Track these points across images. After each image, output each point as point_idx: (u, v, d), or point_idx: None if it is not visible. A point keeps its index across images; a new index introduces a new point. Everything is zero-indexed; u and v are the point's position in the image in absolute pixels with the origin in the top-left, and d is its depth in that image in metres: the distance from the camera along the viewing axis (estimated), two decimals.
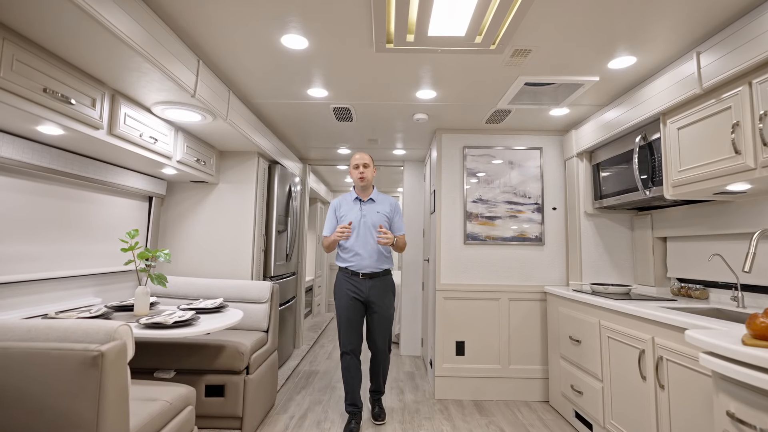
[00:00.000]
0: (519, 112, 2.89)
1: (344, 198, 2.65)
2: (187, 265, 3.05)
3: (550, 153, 3.24)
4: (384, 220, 2.55)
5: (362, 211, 2.55)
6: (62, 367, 1.17)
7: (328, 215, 2.64)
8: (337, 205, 2.62)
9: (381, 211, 2.56)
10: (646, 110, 2.22)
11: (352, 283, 2.48)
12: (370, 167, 2.57)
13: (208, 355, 2.25)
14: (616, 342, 2.11)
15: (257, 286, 2.81)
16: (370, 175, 2.56)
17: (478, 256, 3.16)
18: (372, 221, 2.52)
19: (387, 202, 2.62)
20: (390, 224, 2.59)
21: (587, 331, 2.40)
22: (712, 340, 1.25)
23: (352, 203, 2.59)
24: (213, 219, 3.09)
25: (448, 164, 3.25)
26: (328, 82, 2.42)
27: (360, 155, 2.57)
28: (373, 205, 2.58)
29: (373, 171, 2.59)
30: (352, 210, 2.57)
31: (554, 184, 3.22)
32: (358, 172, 2.54)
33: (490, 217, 3.18)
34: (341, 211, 2.59)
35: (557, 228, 3.18)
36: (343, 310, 2.47)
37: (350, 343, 2.46)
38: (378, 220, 2.53)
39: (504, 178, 3.22)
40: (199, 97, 2.09)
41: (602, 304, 2.23)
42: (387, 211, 2.58)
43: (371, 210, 2.56)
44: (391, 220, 2.60)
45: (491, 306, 3.11)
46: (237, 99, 2.59)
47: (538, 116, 2.96)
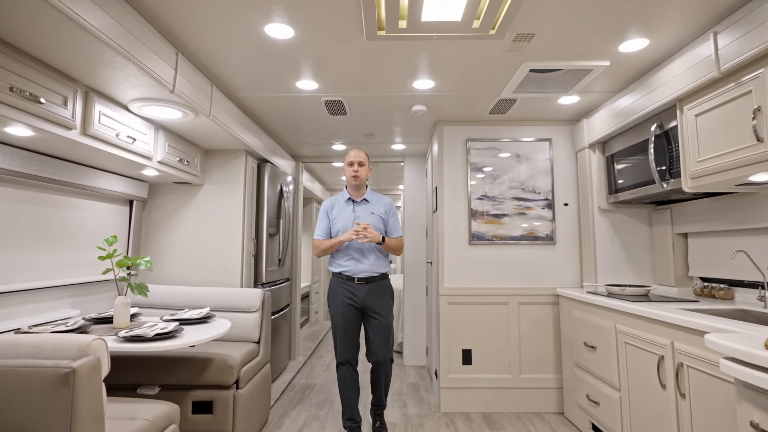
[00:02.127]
0: (525, 102, 2.88)
1: (336, 199, 2.65)
2: (170, 272, 3.06)
3: (560, 144, 3.23)
4: (378, 222, 2.56)
5: (355, 213, 2.56)
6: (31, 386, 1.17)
7: (320, 217, 2.65)
8: (329, 207, 2.62)
9: (375, 212, 2.56)
10: (662, 96, 2.21)
11: (347, 288, 2.49)
12: (365, 166, 2.58)
13: (195, 370, 2.25)
14: (634, 348, 2.10)
15: (247, 293, 2.81)
16: (364, 174, 2.57)
17: (484, 257, 3.16)
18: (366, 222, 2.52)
19: (381, 203, 2.62)
20: (385, 226, 2.60)
21: (603, 336, 2.39)
22: (734, 345, 1.24)
23: (345, 204, 2.60)
24: (198, 222, 3.10)
25: (451, 159, 3.25)
26: (318, 74, 2.42)
27: (355, 152, 2.58)
28: (366, 205, 2.59)
29: (368, 170, 2.61)
30: (344, 211, 2.57)
31: (565, 178, 3.21)
32: (352, 169, 2.55)
33: (496, 215, 3.18)
34: (333, 212, 2.59)
35: (569, 225, 3.17)
36: (339, 318, 2.47)
37: (346, 353, 2.46)
38: (372, 220, 2.54)
39: (511, 172, 3.21)
40: (179, 93, 2.09)
41: (618, 307, 2.22)
42: (381, 211, 2.59)
43: (365, 211, 2.57)
44: (386, 221, 2.61)
45: (499, 311, 3.11)
46: (220, 94, 2.59)
47: (546, 105, 2.95)
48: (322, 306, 6.70)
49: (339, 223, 2.55)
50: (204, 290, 2.84)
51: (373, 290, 2.49)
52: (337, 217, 2.57)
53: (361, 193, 2.62)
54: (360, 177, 2.55)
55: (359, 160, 2.56)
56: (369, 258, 2.50)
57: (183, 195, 3.13)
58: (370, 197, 2.62)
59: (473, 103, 2.91)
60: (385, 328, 2.50)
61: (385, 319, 2.51)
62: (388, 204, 2.64)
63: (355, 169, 2.55)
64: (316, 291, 6.38)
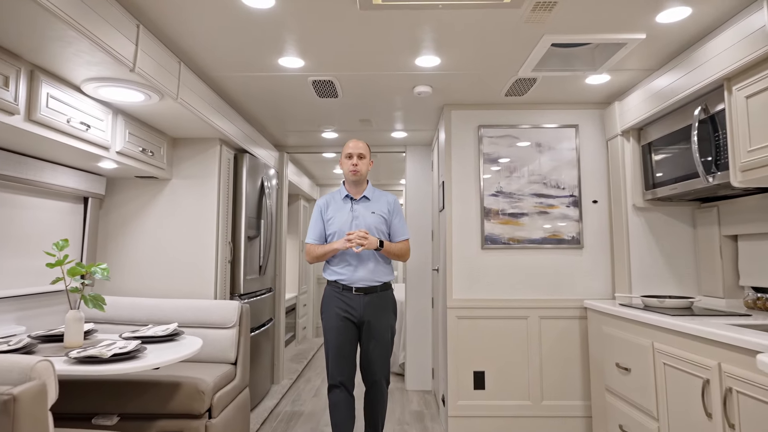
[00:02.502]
0: (547, 82, 2.88)
1: (332, 197, 2.66)
2: (132, 282, 3.06)
3: (588, 131, 3.23)
4: (380, 223, 2.56)
5: (354, 212, 2.56)
6: None
7: (313, 218, 2.65)
8: (323, 206, 2.63)
9: (377, 211, 2.57)
10: (706, 75, 2.20)
11: (343, 299, 2.49)
12: (365, 159, 2.59)
13: (160, 396, 2.25)
14: (674, 370, 2.10)
15: (222, 306, 2.82)
16: (365, 169, 2.59)
17: (499, 264, 3.15)
18: (366, 223, 2.54)
19: (384, 200, 2.63)
20: (388, 227, 2.60)
21: (638, 356, 2.39)
22: None
23: (342, 203, 2.61)
24: (165, 223, 3.09)
25: (460, 149, 3.25)
26: (304, 49, 2.41)
27: (354, 143, 2.59)
28: (367, 204, 2.60)
29: (369, 164, 2.62)
30: (341, 211, 2.58)
31: (594, 170, 3.21)
32: (350, 163, 2.56)
33: (513, 214, 3.18)
34: (329, 212, 2.60)
35: (599, 226, 3.17)
36: (332, 333, 2.48)
37: (340, 374, 2.46)
38: (373, 222, 2.54)
39: (531, 164, 3.21)
40: (141, 71, 2.09)
41: (656, 322, 2.22)
42: (384, 211, 2.59)
43: (365, 210, 2.57)
44: (390, 222, 2.61)
45: (517, 326, 3.10)
46: (190, 73, 2.59)
47: (572, 85, 2.95)
48: (311, 321, 6.70)
49: (335, 224, 2.56)
50: (171, 303, 2.83)
51: (373, 302, 2.49)
52: (332, 218, 2.58)
53: (361, 190, 2.62)
54: (360, 172, 2.56)
55: (359, 152, 2.56)
56: (368, 264, 2.51)
57: (147, 191, 3.12)
58: (371, 194, 2.63)
59: (486, 84, 2.90)
60: (384, 347, 2.52)
61: (385, 336, 2.52)
62: (392, 202, 2.65)
63: (354, 162, 2.55)
64: (303, 303, 6.38)
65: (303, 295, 6.36)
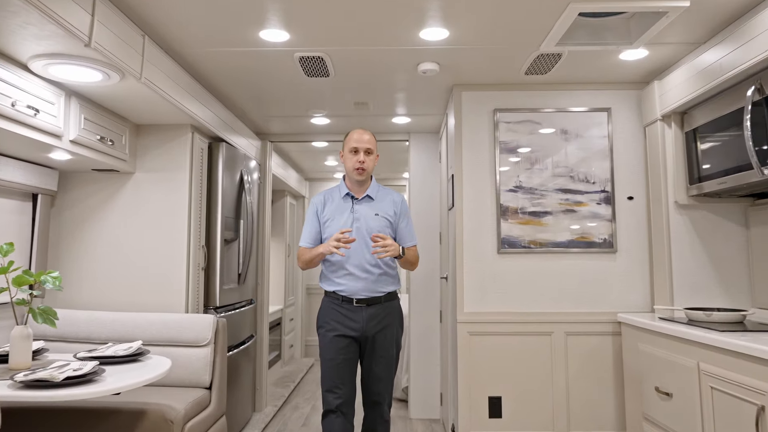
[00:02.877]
0: (574, 58, 2.87)
1: (330, 194, 2.67)
2: (89, 293, 3.04)
3: (622, 116, 3.23)
4: (385, 226, 2.58)
5: (355, 213, 2.57)
6: None
7: (308, 218, 2.66)
8: (319, 204, 2.64)
9: (381, 213, 2.59)
10: (761, 49, 2.19)
11: (342, 313, 2.51)
12: (373, 154, 2.60)
13: (122, 426, 2.25)
14: (724, 395, 2.09)
15: (194, 321, 2.81)
16: (371, 166, 2.59)
17: (518, 271, 3.15)
18: (368, 227, 2.55)
19: (389, 200, 2.64)
20: (394, 231, 2.62)
21: (681, 378, 2.37)
22: None
23: (342, 202, 2.62)
24: (128, 224, 3.09)
25: (473, 136, 3.24)
26: (289, 20, 2.40)
27: (360, 135, 2.58)
28: (370, 204, 2.61)
29: (375, 160, 2.63)
30: (341, 211, 2.59)
31: (630, 161, 3.20)
32: (356, 159, 2.55)
33: (535, 213, 3.17)
34: (326, 212, 2.61)
35: (635, 226, 3.17)
36: (330, 351, 2.49)
37: (338, 398, 2.47)
38: (377, 225, 2.56)
39: (555, 155, 3.20)
40: (98, 47, 2.08)
41: (702, 339, 2.21)
42: (389, 212, 2.61)
43: (368, 211, 2.58)
44: (396, 225, 2.63)
45: (540, 344, 3.10)
46: (157, 48, 2.58)
47: (603, 62, 2.94)
48: (299, 338, 6.70)
49: (333, 226, 2.56)
50: (135, 317, 2.83)
51: (377, 315, 2.51)
52: (331, 219, 2.58)
53: (364, 188, 2.63)
54: (366, 170, 2.57)
55: (366, 147, 2.56)
56: (372, 272, 2.52)
57: (106, 187, 3.11)
58: (376, 193, 2.64)
59: (503, 60, 2.89)
60: (390, 364, 2.55)
61: (389, 352, 2.55)
62: (399, 202, 2.66)
63: (360, 159, 2.54)
64: (290, 317, 6.38)
65: (290, 308, 6.35)
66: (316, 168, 6.37)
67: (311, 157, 5.74)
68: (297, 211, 6.89)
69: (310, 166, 6.23)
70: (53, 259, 3.07)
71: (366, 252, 2.51)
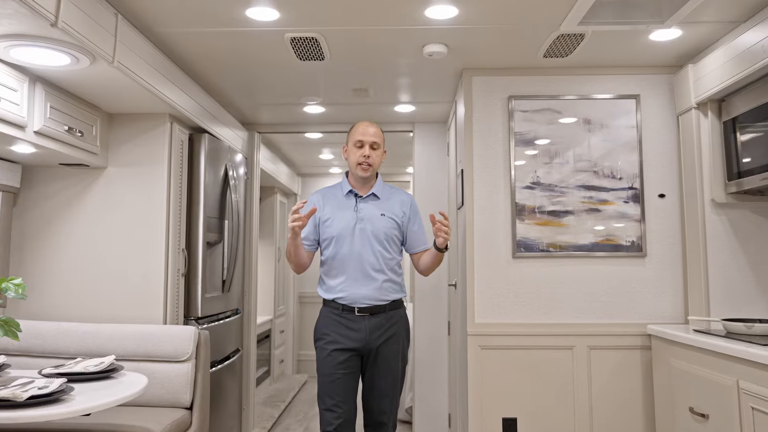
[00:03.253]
0: (598, 39, 2.86)
1: (329, 192, 2.71)
2: (56, 301, 3.03)
3: (652, 104, 3.22)
4: (392, 228, 2.61)
5: (359, 212, 2.59)
6: None
7: None
8: (318, 202, 2.66)
9: (388, 213, 2.62)
10: None
11: (342, 323, 2.53)
12: (380, 149, 2.64)
13: None
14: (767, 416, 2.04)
15: (173, 334, 2.81)
16: (377, 161, 2.64)
17: (535, 278, 3.14)
18: (373, 228, 2.57)
19: (397, 200, 2.68)
20: (402, 234, 2.66)
21: (719, 398, 2.36)
22: None
23: (344, 199, 2.64)
24: (99, 225, 3.07)
25: (485, 126, 3.23)
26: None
27: (366, 127, 2.62)
28: (376, 203, 2.63)
29: (382, 155, 2.67)
30: (343, 210, 2.61)
31: (661, 154, 3.19)
32: (361, 153, 2.58)
33: (555, 213, 3.16)
34: (326, 210, 2.64)
35: (667, 228, 3.16)
36: (328, 366, 2.51)
37: (338, 417, 2.46)
38: (383, 226, 2.58)
39: (577, 147, 3.19)
40: (66, 26, 2.05)
41: (742, 354, 2.19)
42: (397, 213, 2.64)
43: (373, 211, 2.60)
44: (405, 227, 2.65)
45: (560, 359, 3.09)
46: (131, 29, 2.57)
47: (631, 44, 2.93)
48: (291, 352, 6.71)
49: (335, 227, 2.58)
50: (107, 329, 2.83)
51: (382, 325, 2.53)
52: (332, 219, 2.60)
53: (369, 186, 2.66)
54: (373, 166, 2.60)
55: (372, 141, 2.59)
56: (375, 278, 2.53)
57: (75, 183, 3.10)
58: (381, 191, 2.66)
59: (518, 42, 2.88)
60: (395, 379, 2.57)
61: (394, 365, 2.56)
62: (408, 203, 2.69)
63: (365, 153, 2.57)
64: (281, 329, 6.38)
65: (280, 319, 6.35)
66: (309, 162, 6.38)
67: (304, 150, 5.75)
68: (288, 210, 6.85)
69: (303, 159, 6.24)
70: (16, 264, 3.05)
71: (370, 255, 2.53)
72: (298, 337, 6.88)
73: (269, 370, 5.84)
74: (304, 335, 6.91)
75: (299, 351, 6.87)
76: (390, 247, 2.58)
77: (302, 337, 6.91)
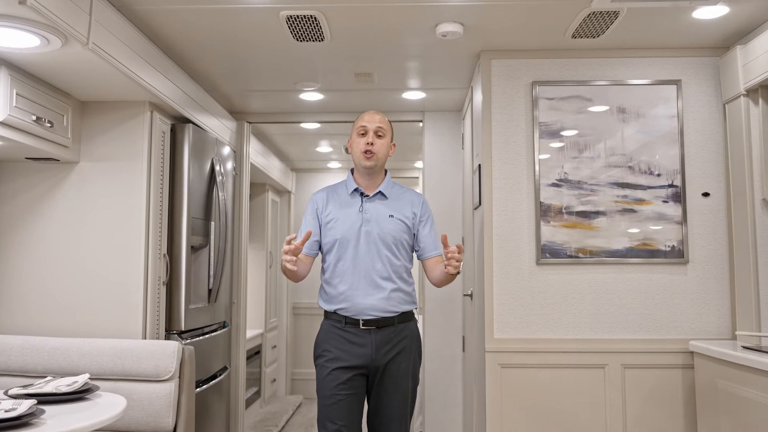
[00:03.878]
0: (634, 17, 2.86)
1: (334, 190, 2.72)
2: (22, 313, 3.03)
3: (695, 90, 3.21)
4: (401, 231, 2.62)
5: (365, 213, 2.60)
6: None
7: (304, 218, 2.70)
8: (320, 201, 2.68)
9: (397, 214, 2.63)
10: None
11: (346, 338, 2.54)
12: (386, 137, 2.65)
13: None
14: None
15: (154, 349, 2.80)
16: (383, 153, 2.64)
17: (562, 287, 3.14)
18: (381, 230, 2.58)
19: (407, 200, 2.70)
20: (412, 238, 2.66)
21: None
22: None
23: (349, 198, 2.66)
24: (70, 227, 3.08)
25: (505, 115, 3.23)
26: None
27: (371, 115, 2.66)
28: (384, 203, 2.65)
29: (390, 147, 2.69)
30: (347, 210, 2.63)
31: (705, 148, 3.19)
32: (364, 142, 2.59)
33: (584, 214, 3.16)
34: (329, 211, 2.65)
35: (712, 231, 3.15)
36: (329, 386, 2.52)
37: None
38: (391, 229, 2.59)
39: (610, 139, 3.18)
40: (35, 4, 2.05)
41: None
42: (407, 214, 2.65)
43: (380, 212, 2.61)
44: (416, 231, 2.66)
45: (590, 379, 3.08)
46: (107, 6, 2.57)
47: (672, 22, 2.92)
48: (284, 370, 6.69)
49: (338, 229, 2.59)
50: (80, 344, 2.82)
51: (390, 340, 2.54)
52: (335, 220, 2.61)
53: (376, 183, 2.67)
54: (377, 155, 2.60)
55: (377, 127, 2.60)
56: (383, 286, 2.54)
57: (43, 180, 3.10)
58: (389, 190, 2.67)
59: (544, 20, 2.88)
60: (404, 401, 2.57)
61: (406, 385, 2.57)
62: (419, 203, 2.70)
63: (369, 141, 2.58)
64: (273, 344, 6.37)
65: (271, 333, 6.33)
66: (305, 156, 6.37)
67: (299, 142, 5.73)
68: (281, 209, 6.87)
69: (298, 153, 6.22)
70: None
71: (376, 262, 2.54)
72: (293, 353, 6.85)
73: (260, 390, 5.83)
74: (298, 351, 6.90)
75: (293, 369, 6.84)
76: (399, 252, 2.59)
77: (297, 353, 6.90)
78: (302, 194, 6.95)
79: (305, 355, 6.78)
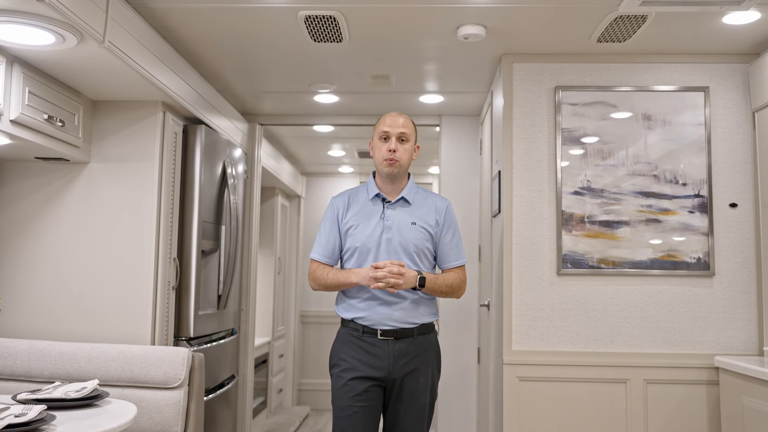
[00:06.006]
0: (662, 21, 2.85)
1: (355, 194, 2.73)
2: (30, 317, 3.04)
3: (723, 97, 3.21)
4: (423, 240, 2.61)
5: (386, 220, 2.60)
6: None
7: (324, 223, 2.70)
8: (340, 206, 2.68)
9: (419, 222, 2.62)
10: None
11: (362, 348, 2.54)
12: (409, 142, 2.63)
13: None
14: None
15: (163, 356, 2.80)
16: (406, 158, 2.63)
17: (584, 298, 3.14)
18: (402, 240, 2.58)
19: (431, 205, 2.69)
20: (435, 246, 2.65)
21: None
22: None
23: (370, 204, 2.66)
24: (79, 230, 3.08)
25: (527, 121, 3.23)
26: None
27: (394, 117, 2.63)
28: (406, 209, 2.65)
29: (414, 151, 2.68)
30: (368, 216, 2.63)
31: (733, 157, 3.18)
32: (386, 147, 2.59)
33: (607, 223, 3.16)
34: (349, 217, 2.65)
35: (740, 243, 3.15)
36: (344, 397, 2.52)
37: None
38: (413, 237, 2.59)
39: (634, 146, 3.19)
40: (52, 1, 2.07)
41: None
42: (430, 221, 2.64)
43: (402, 219, 2.61)
44: (438, 238, 2.65)
45: (611, 394, 3.08)
46: (123, 3, 2.59)
47: (701, 27, 2.92)
48: (290, 380, 6.67)
49: (359, 236, 2.60)
50: (88, 349, 2.81)
51: (408, 352, 2.53)
52: (355, 227, 2.62)
53: (399, 188, 2.66)
54: (400, 162, 2.59)
55: (400, 132, 2.59)
56: (404, 296, 2.54)
57: (53, 180, 3.11)
58: (413, 195, 2.67)
59: (569, 23, 2.89)
60: (421, 416, 2.56)
61: (423, 399, 2.56)
62: (443, 209, 2.69)
63: (391, 147, 2.57)
64: (280, 353, 6.36)
65: (279, 341, 6.32)
66: (316, 159, 6.37)
67: (311, 145, 5.74)
68: (290, 214, 6.87)
69: (309, 156, 6.22)
70: None
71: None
72: (300, 362, 6.83)
73: (266, 400, 5.82)
74: (306, 361, 6.88)
75: (300, 379, 6.82)
76: (421, 261, 2.58)
77: (304, 362, 6.88)
78: (313, 199, 6.95)
79: (312, 365, 6.78)
